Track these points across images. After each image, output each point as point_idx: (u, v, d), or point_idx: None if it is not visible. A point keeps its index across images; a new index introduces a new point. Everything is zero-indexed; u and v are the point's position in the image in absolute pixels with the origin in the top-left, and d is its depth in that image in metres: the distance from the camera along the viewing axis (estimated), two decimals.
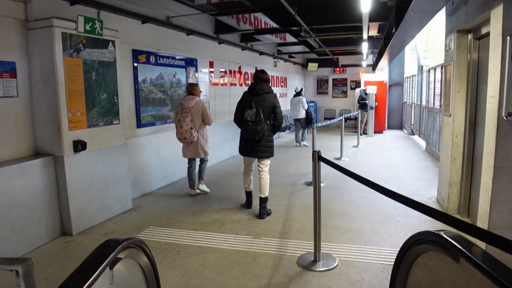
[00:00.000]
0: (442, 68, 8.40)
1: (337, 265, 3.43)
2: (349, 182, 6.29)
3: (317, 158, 3.41)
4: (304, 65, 16.51)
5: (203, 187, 5.91)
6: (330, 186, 6.23)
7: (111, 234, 4.32)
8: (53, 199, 4.20)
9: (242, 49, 9.73)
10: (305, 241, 4.01)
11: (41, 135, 4.25)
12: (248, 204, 5.21)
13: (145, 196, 5.85)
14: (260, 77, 4.88)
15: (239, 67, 9.79)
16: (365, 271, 3.33)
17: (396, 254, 1.73)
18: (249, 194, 5.24)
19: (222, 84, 8.87)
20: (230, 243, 4.01)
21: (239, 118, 4.86)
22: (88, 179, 4.49)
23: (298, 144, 11.32)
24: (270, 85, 11.99)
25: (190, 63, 7.24)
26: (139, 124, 5.82)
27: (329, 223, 4.52)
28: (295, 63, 15.15)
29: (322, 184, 6.45)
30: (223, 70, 8.92)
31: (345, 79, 16.83)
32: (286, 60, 13.91)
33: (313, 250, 3.55)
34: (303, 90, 11.66)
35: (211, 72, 8.24)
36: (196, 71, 7.48)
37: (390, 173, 7.28)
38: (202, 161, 5.84)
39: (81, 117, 4.36)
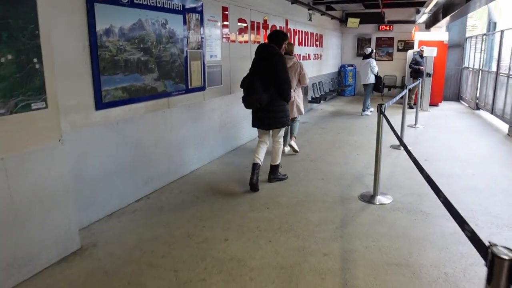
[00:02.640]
0: None
1: None
2: (429, 198, 4.00)
3: None
4: (343, 21, 13.72)
5: (294, 144, 6.06)
6: (403, 206, 3.97)
7: None
8: None
9: None
10: None
11: None
12: (251, 181, 4.36)
13: (110, 219, 3.68)
14: (276, 36, 4.47)
15: (265, 19, 7.31)
16: None
17: None
18: (255, 167, 4.40)
19: (241, 42, 6.45)
20: None
21: None
22: None
23: (363, 113, 10.01)
24: (304, 43, 9.78)
25: (192, 7, 4.86)
26: (100, 104, 3.55)
27: None
28: (332, 17, 12.41)
29: (388, 202, 4.20)
30: (243, 21, 6.48)
31: (391, 39, 14.00)
32: (322, 13, 11.21)
33: None
34: (373, 52, 10.23)
35: (224, 24, 5.83)
36: (201, 20, 5.10)
37: (482, 178, 4.90)
38: (294, 120, 5.90)
39: None
